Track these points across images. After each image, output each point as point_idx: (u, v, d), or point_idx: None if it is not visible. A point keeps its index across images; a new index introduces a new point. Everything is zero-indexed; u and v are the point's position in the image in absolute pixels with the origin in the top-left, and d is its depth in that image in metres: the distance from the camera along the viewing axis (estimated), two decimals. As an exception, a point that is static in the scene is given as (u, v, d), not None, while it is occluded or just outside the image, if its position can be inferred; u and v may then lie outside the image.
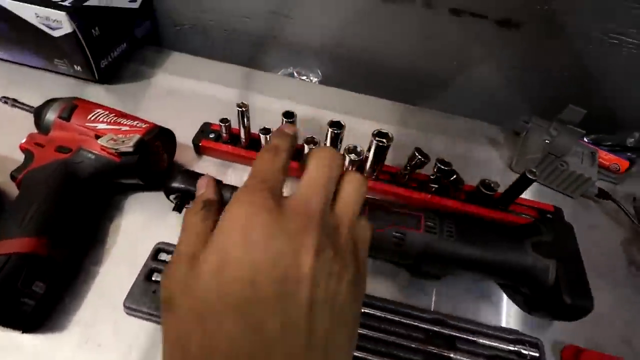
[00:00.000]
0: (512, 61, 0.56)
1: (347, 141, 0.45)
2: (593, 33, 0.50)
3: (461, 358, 0.36)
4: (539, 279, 0.39)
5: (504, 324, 0.41)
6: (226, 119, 0.46)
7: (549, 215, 0.47)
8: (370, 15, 0.55)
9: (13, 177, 0.38)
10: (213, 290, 0.20)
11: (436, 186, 0.46)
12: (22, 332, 0.34)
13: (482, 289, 0.43)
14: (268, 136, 0.45)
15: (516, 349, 0.38)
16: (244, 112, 0.43)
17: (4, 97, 0.44)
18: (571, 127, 0.48)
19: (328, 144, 0.44)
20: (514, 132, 0.59)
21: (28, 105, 0.44)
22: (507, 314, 0.42)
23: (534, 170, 0.42)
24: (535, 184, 0.53)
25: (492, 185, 0.44)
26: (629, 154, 0.58)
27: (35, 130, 0.42)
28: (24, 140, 0.40)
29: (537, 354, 0.38)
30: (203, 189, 0.29)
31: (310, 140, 0.46)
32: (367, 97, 0.60)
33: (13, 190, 0.39)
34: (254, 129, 0.46)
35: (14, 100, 0.44)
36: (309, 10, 0.57)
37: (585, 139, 0.61)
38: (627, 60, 0.52)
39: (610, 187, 0.55)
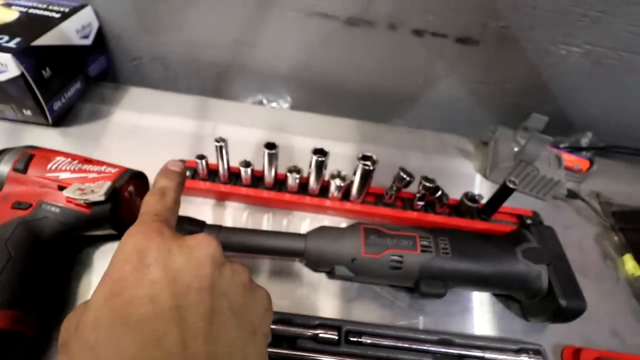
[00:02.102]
0: (473, 75, 0.59)
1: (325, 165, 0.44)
2: (543, 45, 0.54)
3: (472, 376, 0.36)
4: (533, 285, 0.40)
5: (499, 333, 0.41)
6: (203, 155, 0.43)
7: (529, 221, 0.49)
8: (335, 40, 0.55)
9: (-37, 243, 0.33)
10: (106, 317, 0.19)
11: (422, 203, 0.47)
12: None
13: (480, 303, 0.43)
14: (249, 169, 0.44)
15: (521, 358, 0.38)
16: (222, 147, 0.41)
17: (-58, 152, 0.39)
18: (538, 134, 0.51)
19: (313, 171, 0.43)
20: (482, 142, 0.61)
21: (-27, 160, 0.39)
22: (508, 324, 0.42)
23: (514, 179, 0.43)
24: (509, 190, 0.55)
25: (476, 197, 0.46)
26: (584, 153, 0.63)
27: (-15, 187, 0.38)
28: (-28, 200, 0.36)
29: (540, 360, 0.38)
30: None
31: (294, 169, 0.45)
32: (338, 119, 0.60)
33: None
34: (235, 164, 0.44)
35: (-45, 154, 0.39)
36: (273, 37, 0.56)
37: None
38: (574, 68, 0.56)
39: (574, 186, 0.58)
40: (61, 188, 0.36)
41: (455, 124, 0.64)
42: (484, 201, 0.46)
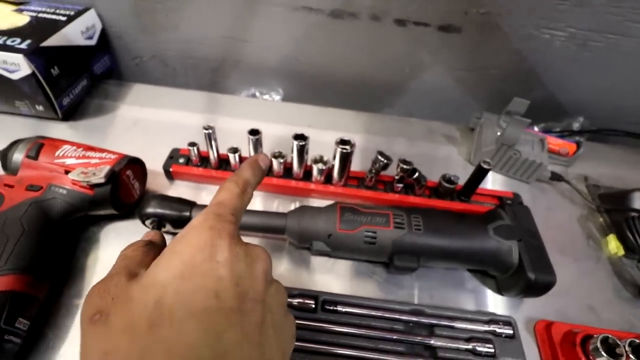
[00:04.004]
0: (458, 63, 0.61)
1: (313, 152, 0.47)
2: (526, 30, 0.55)
3: (440, 343, 0.38)
4: (504, 260, 0.41)
5: (476, 307, 0.43)
6: (194, 142, 0.47)
7: (508, 202, 0.50)
8: (321, 32, 0.58)
9: (-17, 220, 0.38)
10: (172, 297, 0.20)
11: (401, 185, 0.49)
12: (7, 373, 0.33)
13: (457, 278, 0.45)
14: (237, 155, 0.47)
15: (491, 328, 0.40)
16: (210, 134, 0.45)
17: (-35, 143, 0.44)
18: (518, 118, 0.52)
19: (295, 156, 0.46)
20: (469, 128, 0.63)
21: (-8, 149, 0.44)
22: (484, 299, 0.44)
23: (488, 160, 0.45)
24: (494, 174, 0.57)
25: (452, 178, 0.48)
26: (577, 138, 0.63)
27: (2, 173, 0.42)
28: (-9, 184, 0.41)
29: (511, 331, 0.40)
30: (150, 237, 0.29)
31: (278, 155, 0.48)
32: (328, 109, 0.63)
33: (-17, 234, 0.39)
34: (222, 150, 0.48)
35: (-24, 145, 0.44)
36: (262, 32, 0.59)
37: (535, 128, 0.65)
38: (559, 52, 0.57)
39: (562, 169, 0.59)
40: (67, 172, 0.41)
41: (444, 111, 0.66)
42: (461, 183, 0.49)
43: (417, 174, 0.47)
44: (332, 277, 0.44)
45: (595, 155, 0.61)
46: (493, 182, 0.56)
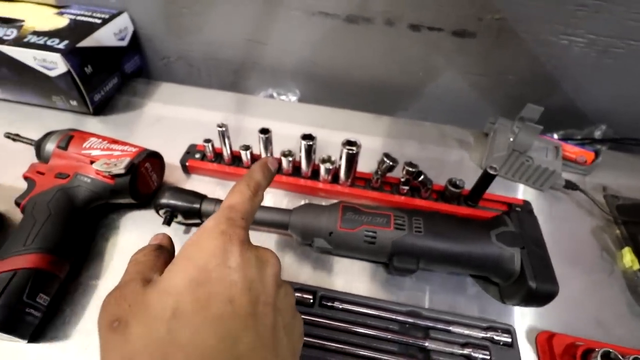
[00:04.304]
0: (473, 68, 0.60)
1: (326, 153, 0.48)
2: (542, 36, 0.54)
3: (435, 346, 0.39)
4: (505, 266, 0.41)
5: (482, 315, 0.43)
6: (209, 139, 0.50)
7: (517, 209, 0.50)
8: (336, 36, 0.59)
9: (17, 203, 0.42)
10: (189, 304, 0.20)
11: (407, 188, 0.50)
12: (27, 342, 0.37)
13: (459, 283, 0.45)
14: (248, 152, 0.50)
15: (488, 335, 0.40)
16: (224, 131, 0.47)
17: (7, 133, 0.49)
18: (530, 124, 0.52)
19: (303, 155, 0.48)
20: (484, 133, 0.62)
21: (29, 139, 0.48)
22: (486, 306, 0.44)
23: (494, 166, 0.45)
24: (507, 180, 0.56)
25: (458, 182, 0.48)
26: (598, 146, 0.61)
27: (36, 161, 0.47)
28: (26, 170, 0.45)
29: (509, 340, 0.40)
30: (158, 240, 0.29)
31: (288, 153, 0.50)
32: (342, 111, 0.64)
33: (17, 215, 0.43)
34: (236, 147, 0.50)
35: (17, 135, 0.49)
36: (280, 35, 0.62)
37: (555, 136, 0.64)
38: (579, 59, 0.56)
39: (579, 178, 0.58)
40: (92, 163, 0.44)
41: (459, 116, 0.66)
42: (468, 187, 0.49)
43: (422, 177, 0.48)
44: (333, 274, 0.45)
45: (616, 164, 0.59)
46: (506, 188, 0.56)
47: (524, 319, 0.43)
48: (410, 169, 0.47)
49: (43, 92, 0.55)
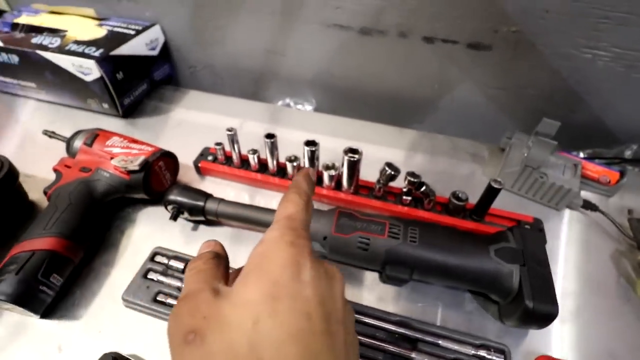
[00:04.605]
0: (490, 81, 0.59)
1: (336, 161, 0.49)
2: (563, 49, 0.53)
3: (421, 358, 0.38)
4: (503, 283, 0.40)
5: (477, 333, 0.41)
6: (220, 142, 0.53)
7: (527, 226, 0.48)
8: (352, 48, 0.61)
9: (45, 192, 0.47)
10: (268, 318, 0.19)
11: (409, 198, 0.49)
12: (39, 318, 0.40)
13: (456, 298, 0.44)
14: (256, 156, 0.52)
15: (480, 353, 0.38)
16: (232, 135, 0.50)
17: (45, 130, 0.54)
18: (545, 139, 0.50)
19: (306, 161, 0.49)
20: (500, 148, 0.61)
21: (62, 136, 0.53)
22: (483, 325, 0.42)
23: (499, 179, 0.44)
24: (520, 197, 0.54)
25: (460, 195, 0.47)
26: (629, 166, 0.58)
27: (66, 156, 0.52)
28: (56, 163, 0.50)
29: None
30: (211, 247, 0.28)
31: (294, 159, 0.51)
32: (356, 121, 0.65)
33: (46, 204, 0.48)
34: (245, 152, 0.52)
35: (52, 132, 0.54)
36: (298, 46, 0.64)
37: (580, 154, 0.61)
38: (604, 73, 0.53)
39: (602, 199, 0.54)
40: (112, 159, 0.48)
41: (476, 129, 0.64)
42: (473, 201, 0.47)
43: (424, 187, 0.47)
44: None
45: (645, 187, 0.55)
46: (520, 206, 0.53)
47: (525, 342, 0.41)
48: (412, 179, 0.46)
49: (79, 95, 0.61)
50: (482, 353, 0.38)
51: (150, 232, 0.49)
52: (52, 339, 0.40)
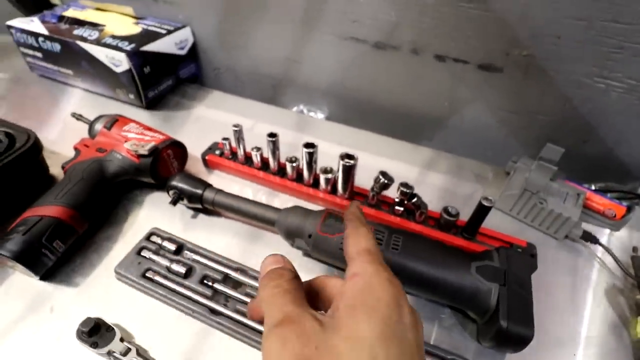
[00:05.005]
0: (500, 103, 0.59)
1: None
2: (574, 77, 0.52)
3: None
4: (480, 301, 0.39)
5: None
6: (227, 137, 0.55)
7: (519, 250, 0.47)
8: (365, 61, 0.63)
9: (63, 167, 0.51)
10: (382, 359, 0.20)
11: (402, 209, 0.50)
12: (39, 279, 0.44)
13: (434, 312, 0.44)
14: (259, 153, 0.54)
15: (447, 367, 0.38)
16: (238, 131, 0.52)
17: (73, 112, 0.60)
18: (545, 164, 0.49)
19: (304, 163, 0.51)
20: (505, 172, 0.60)
21: (87, 119, 0.58)
22: (460, 342, 0.41)
23: (490, 197, 0.44)
24: (519, 223, 0.53)
25: (450, 210, 0.47)
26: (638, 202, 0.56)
27: (87, 137, 0.56)
28: (77, 142, 0.54)
29: (470, 378, 0.37)
30: (282, 263, 0.28)
31: (294, 160, 0.53)
32: (365, 132, 0.66)
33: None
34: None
35: (80, 115, 0.59)
36: (315, 56, 0.67)
37: (592, 187, 0.59)
38: (618, 104, 0.52)
39: (606, 233, 0.52)
40: (126, 142, 0.52)
41: (483, 151, 0.64)
42: (464, 218, 0.47)
43: (415, 199, 0.48)
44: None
45: (657, 226, 0.52)
46: (518, 231, 0.52)
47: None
48: (404, 190, 0.47)
49: (110, 84, 0.67)
50: (451, 368, 0.38)
51: (153, 215, 0.52)
52: (46, 300, 0.43)
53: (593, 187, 0.60)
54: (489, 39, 0.53)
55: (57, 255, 0.44)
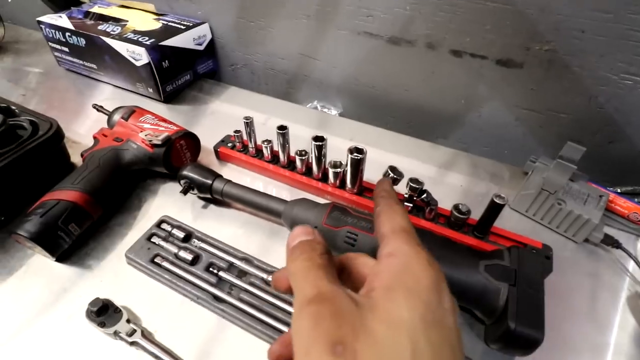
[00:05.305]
0: (520, 101, 0.57)
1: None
2: (600, 73, 0.50)
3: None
4: (488, 300, 0.38)
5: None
6: (238, 130, 0.56)
7: (534, 251, 0.45)
8: (379, 56, 0.62)
9: (81, 154, 0.53)
10: (423, 346, 0.18)
11: (411, 205, 0.49)
12: (55, 260, 0.46)
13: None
14: (269, 146, 0.54)
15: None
16: (249, 123, 0.53)
17: (94, 104, 0.62)
18: (564, 162, 0.47)
19: (313, 156, 0.51)
20: (523, 172, 0.58)
21: (107, 110, 0.60)
22: (472, 347, 0.40)
23: (502, 195, 0.42)
24: (536, 224, 0.51)
25: (461, 207, 0.45)
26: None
27: (106, 127, 0.58)
28: (96, 132, 0.56)
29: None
30: (313, 235, 0.25)
31: (305, 153, 0.53)
32: (377, 129, 0.65)
33: (82, 166, 0.54)
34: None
35: (100, 106, 0.62)
36: (329, 51, 0.67)
37: (618, 190, 0.56)
38: (648, 103, 0.49)
39: (631, 238, 0.49)
40: (141, 132, 0.54)
41: (502, 151, 0.62)
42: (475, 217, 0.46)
43: (425, 195, 0.47)
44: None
45: (688, 232, 0.49)
46: (535, 233, 0.50)
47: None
48: (414, 185, 0.46)
49: (130, 78, 0.69)
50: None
51: (165, 203, 0.54)
52: (60, 281, 0.45)
53: (619, 191, 0.57)
54: (507, 33, 0.52)
55: (72, 238, 0.46)
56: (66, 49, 0.73)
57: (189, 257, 0.45)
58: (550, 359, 0.38)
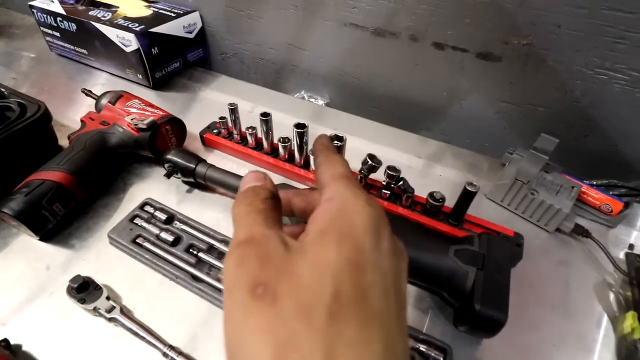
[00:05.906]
0: (499, 94, 0.58)
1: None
2: (575, 67, 0.51)
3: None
4: (456, 283, 0.39)
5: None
6: (223, 117, 0.57)
7: (505, 239, 0.46)
8: (365, 47, 0.63)
9: (68, 137, 0.54)
10: (349, 289, 0.17)
11: (389, 192, 0.50)
12: (39, 239, 0.47)
13: (414, 295, 0.44)
14: (254, 133, 0.55)
15: (417, 346, 0.38)
16: (233, 110, 0.54)
17: (83, 88, 0.63)
18: (536, 153, 0.48)
19: (295, 143, 0.52)
20: (501, 163, 0.59)
21: (95, 95, 0.61)
22: (440, 329, 0.42)
23: (474, 183, 0.43)
24: (511, 214, 0.53)
25: (435, 195, 0.47)
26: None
27: (94, 111, 0.59)
28: (83, 115, 0.57)
29: (440, 358, 0.38)
30: (263, 182, 0.24)
31: (288, 140, 0.54)
32: (363, 120, 0.66)
33: (68, 148, 0.55)
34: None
35: (89, 91, 0.62)
36: (316, 42, 0.68)
37: (594, 183, 0.57)
38: (621, 97, 0.51)
39: (602, 229, 0.51)
40: (127, 117, 0.54)
41: (482, 142, 0.63)
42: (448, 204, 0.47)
43: (402, 182, 0.48)
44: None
45: (656, 223, 0.51)
46: (509, 222, 0.51)
47: (476, 353, 0.40)
48: (391, 173, 0.47)
49: (120, 64, 0.70)
50: (422, 347, 0.38)
51: (149, 187, 0.55)
52: (43, 259, 0.46)
53: (595, 183, 0.58)
54: (487, 27, 0.53)
55: (57, 218, 0.47)
56: (57, 34, 0.73)
57: (170, 238, 0.46)
58: (513, 340, 0.40)
